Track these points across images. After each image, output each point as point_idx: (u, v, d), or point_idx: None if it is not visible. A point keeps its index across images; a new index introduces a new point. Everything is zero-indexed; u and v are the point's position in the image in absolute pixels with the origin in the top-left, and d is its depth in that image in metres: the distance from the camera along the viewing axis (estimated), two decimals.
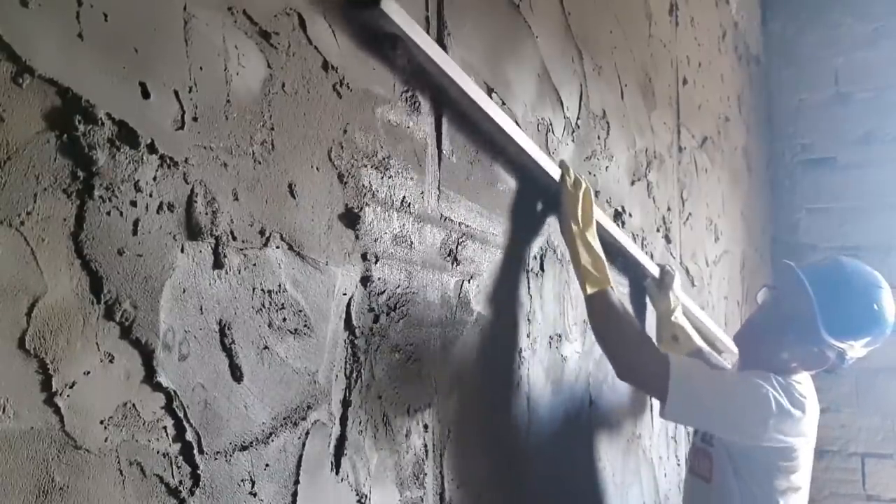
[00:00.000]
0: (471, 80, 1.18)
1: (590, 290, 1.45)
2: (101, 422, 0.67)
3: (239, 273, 0.82)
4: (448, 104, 1.20)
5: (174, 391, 0.74)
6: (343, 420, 0.97)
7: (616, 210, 1.90)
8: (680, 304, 2.03)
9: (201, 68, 0.78)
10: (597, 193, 1.79)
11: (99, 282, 0.67)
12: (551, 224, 1.54)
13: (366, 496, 1.00)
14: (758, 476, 1.57)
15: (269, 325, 0.86)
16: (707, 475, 1.66)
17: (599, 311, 1.48)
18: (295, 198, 0.90)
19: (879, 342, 1.55)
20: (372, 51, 1.04)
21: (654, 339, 2.02)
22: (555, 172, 1.45)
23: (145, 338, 0.71)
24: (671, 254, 2.34)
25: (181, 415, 0.75)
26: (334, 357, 0.96)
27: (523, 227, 1.45)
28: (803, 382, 1.57)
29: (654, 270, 1.99)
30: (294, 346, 0.89)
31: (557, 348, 1.57)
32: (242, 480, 0.82)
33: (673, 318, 2.00)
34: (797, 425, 1.49)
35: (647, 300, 2.07)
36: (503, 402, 1.37)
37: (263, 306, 0.85)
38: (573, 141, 1.67)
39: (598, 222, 1.53)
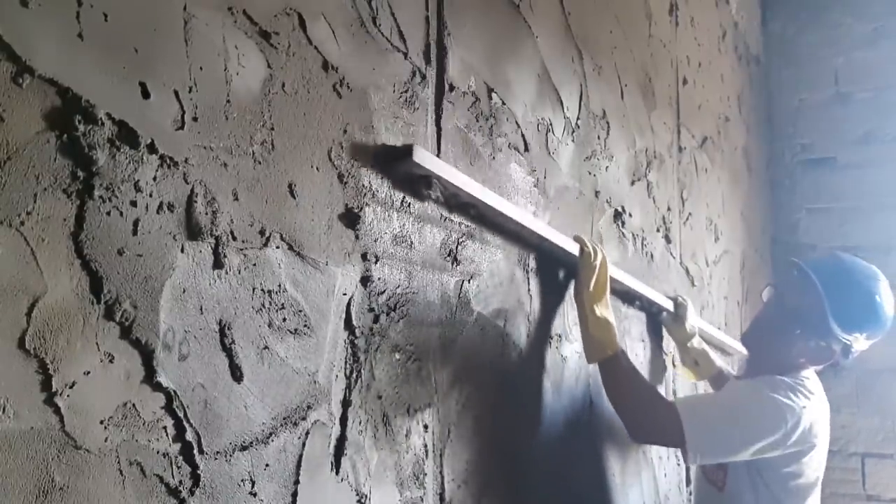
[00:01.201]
0: (504, 201, 1.27)
1: (599, 358, 1.49)
2: (101, 422, 0.67)
3: (239, 273, 0.82)
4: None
5: (174, 391, 0.74)
6: (343, 420, 0.97)
7: (616, 210, 1.90)
8: (697, 331, 2.07)
9: (201, 68, 0.78)
10: (597, 193, 1.79)
11: (99, 282, 0.67)
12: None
13: (366, 496, 1.00)
14: (774, 480, 1.57)
15: (269, 325, 0.86)
16: (720, 484, 1.66)
17: (609, 377, 1.51)
18: (295, 198, 0.90)
19: (881, 334, 1.56)
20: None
21: (677, 362, 2.08)
22: (574, 249, 1.49)
23: (145, 338, 0.71)
24: (671, 254, 2.34)
25: (181, 415, 0.75)
26: (334, 357, 0.96)
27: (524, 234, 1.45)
28: (811, 378, 1.58)
29: (669, 305, 2.04)
30: (294, 346, 0.89)
31: (557, 348, 1.57)
32: (242, 480, 0.82)
33: (691, 345, 2.05)
34: (812, 425, 1.50)
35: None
36: (503, 402, 1.36)
37: (263, 306, 0.85)
38: (573, 141, 1.67)
39: (613, 278, 1.57)
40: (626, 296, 1.87)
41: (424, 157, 1.05)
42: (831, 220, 3.83)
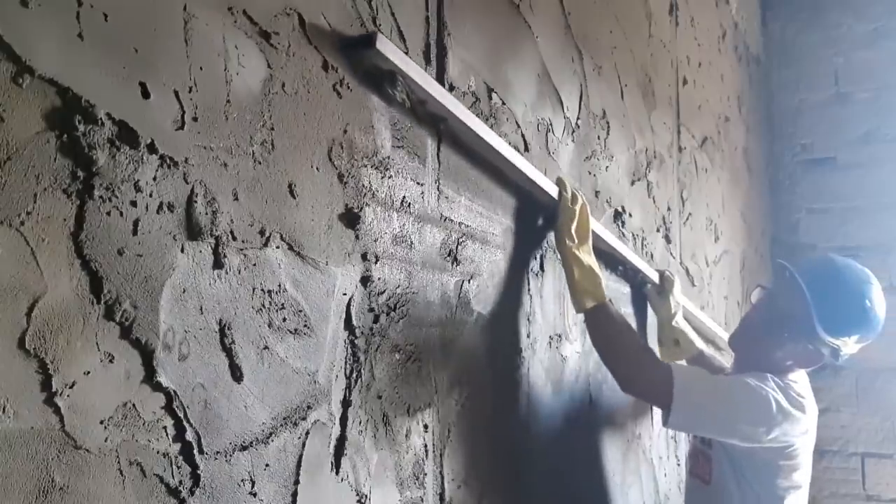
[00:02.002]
0: (470, 113, 1.20)
1: (586, 306, 1.46)
2: (101, 422, 0.67)
3: (239, 273, 0.82)
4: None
5: (174, 391, 0.74)
6: (343, 420, 0.97)
7: (616, 210, 1.90)
8: (681, 309, 2.04)
9: (201, 68, 0.78)
10: (597, 193, 1.79)
11: (99, 282, 0.67)
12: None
13: (366, 496, 1.00)
14: (759, 476, 1.58)
15: (269, 325, 0.86)
16: (706, 477, 1.66)
17: (597, 326, 1.49)
18: (295, 198, 0.90)
19: (872, 338, 1.55)
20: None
21: (657, 342, 2.04)
22: (553, 190, 1.44)
23: (145, 338, 0.71)
24: (671, 254, 2.34)
25: (181, 415, 0.75)
26: (334, 357, 0.96)
27: (523, 233, 1.45)
28: (799, 381, 1.58)
29: (655, 276, 2.00)
30: (294, 346, 0.89)
31: (557, 348, 1.57)
32: (242, 480, 0.82)
33: (674, 323, 2.02)
34: (797, 424, 1.50)
35: (648, 305, 2.08)
36: (503, 402, 1.37)
37: (263, 306, 0.85)
38: (573, 141, 1.67)
39: (595, 233, 1.53)
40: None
41: (387, 47, 0.99)
42: (831, 220, 3.83)
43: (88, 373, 0.66)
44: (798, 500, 1.61)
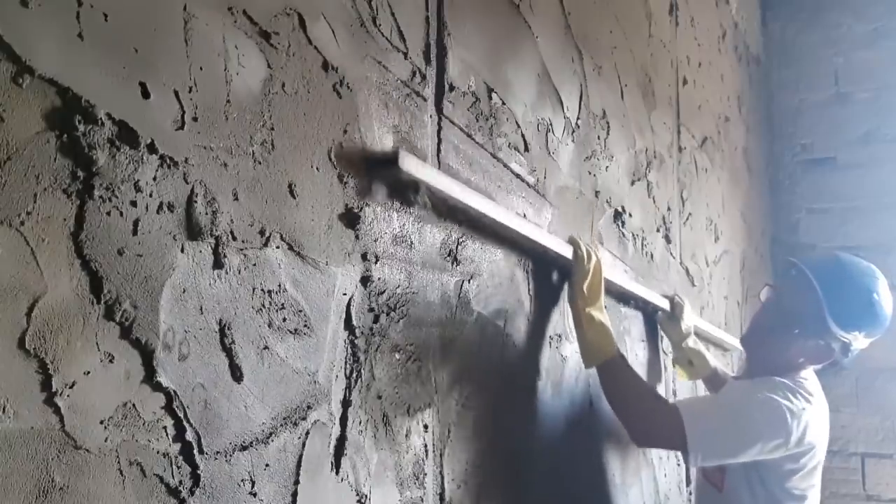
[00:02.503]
0: (493, 205, 1.25)
1: (596, 362, 1.49)
2: (101, 422, 0.67)
3: (239, 273, 0.82)
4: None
5: (174, 391, 0.74)
6: (343, 420, 0.97)
7: (616, 210, 1.90)
8: (692, 331, 2.06)
9: (201, 68, 0.78)
10: (597, 193, 1.79)
11: (99, 282, 0.67)
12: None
13: (366, 496, 1.00)
14: (773, 481, 1.57)
15: (269, 325, 0.86)
16: (719, 484, 1.66)
17: (607, 380, 1.51)
18: (295, 198, 0.90)
19: (880, 332, 1.56)
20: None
21: (671, 362, 2.08)
22: (567, 251, 1.48)
23: (145, 338, 0.71)
24: (671, 254, 2.34)
25: (181, 415, 0.74)
26: (334, 357, 0.96)
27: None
28: (809, 379, 1.58)
29: (665, 305, 2.04)
30: (294, 346, 0.89)
31: (557, 348, 1.57)
32: (242, 480, 0.82)
33: (684, 345, 2.05)
34: (812, 425, 1.50)
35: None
36: (503, 402, 1.36)
37: (263, 306, 0.85)
38: (573, 141, 1.67)
39: (607, 280, 1.56)
40: (623, 295, 1.87)
41: (410, 163, 1.03)
42: (831, 220, 3.83)
43: (88, 373, 0.66)
44: (814, 498, 1.61)
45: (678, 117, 2.49)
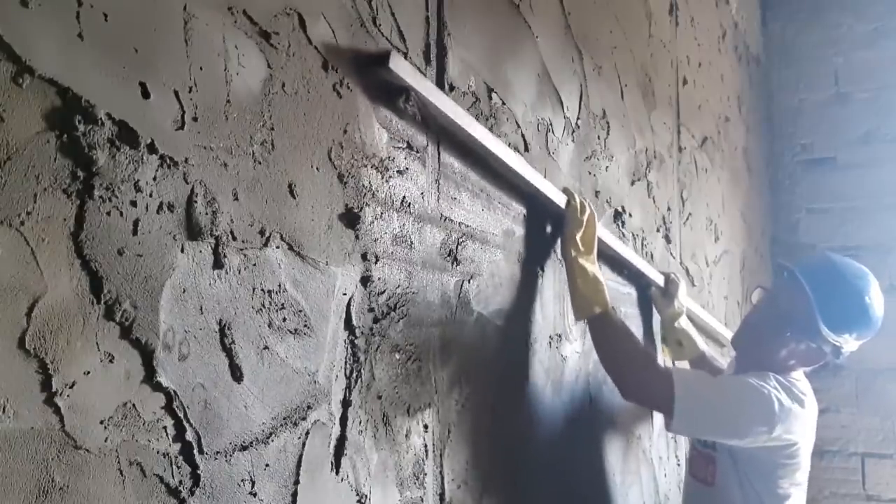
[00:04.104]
0: (479, 125, 1.21)
1: (588, 314, 1.47)
2: (101, 422, 0.67)
3: (239, 273, 0.82)
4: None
5: (174, 391, 0.74)
6: (343, 420, 0.97)
7: (616, 210, 1.90)
8: (685, 311, 2.05)
9: (201, 68, 0.78)
10: (597, 193, 1.79)
11: (99, 282, 0.67)
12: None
13: (366, 496, 1.00)
14: (762, 477, 1.58)
15: (269, 325, 0.86)
16: (710, 479, 1.66)
17: (599, 334, 1.49)
18: (295, 198, 0.90)
19: (871, 334, 1.56)
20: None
21: (660, 341, 2.06)
22: (560, 199, 1.46)
23: (145, 338, 0.71)
24: (671, 254, 2.34)
25: (181, 415, 0.75)
26: (334, 357, 0.96)
27: (525, 235, 1.45)
28: (801, 380, 1.58)
29: (659, 279, 2.02)
30: (294, 346, 0.89)
31: (557, 348, 1.57)
32: (242, 480, 0.82)
33: (677, 325, 2.04)
34: (799, 422, 1.50)
35: (653, 307, 2.10)
36: (503, 402, 1.37)
37: (263, 306, 0.85)
38: (573, 141, 1.67)
39: (601, 240, 1.54)
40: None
41: (400, 66, 1.01)
42: (831, 220, 3.83)
43: (88, 373, 0.66)
44: (799, 499, 1.62)
45: (678, 117, 2.49)
